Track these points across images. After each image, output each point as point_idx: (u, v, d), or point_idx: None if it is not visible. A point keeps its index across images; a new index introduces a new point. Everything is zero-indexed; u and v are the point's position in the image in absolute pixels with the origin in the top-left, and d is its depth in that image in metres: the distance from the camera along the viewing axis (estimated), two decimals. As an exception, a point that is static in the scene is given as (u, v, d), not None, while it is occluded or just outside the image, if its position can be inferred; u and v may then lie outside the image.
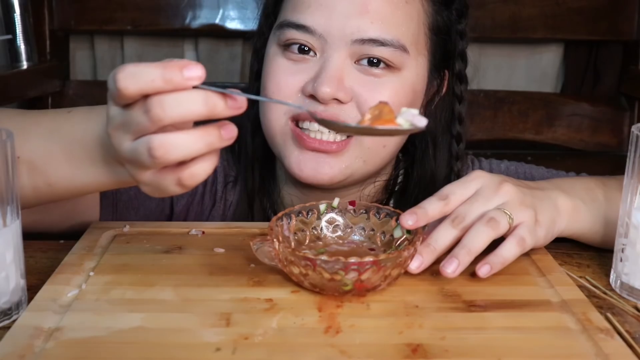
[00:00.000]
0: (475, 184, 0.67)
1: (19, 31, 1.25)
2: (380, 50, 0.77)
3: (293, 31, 0.78)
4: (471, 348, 0.53)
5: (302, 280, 0.60)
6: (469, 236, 0.63)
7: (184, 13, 1.33)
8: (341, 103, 0.77)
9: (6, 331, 0.54)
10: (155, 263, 0.66)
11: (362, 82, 0.78)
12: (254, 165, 0.89)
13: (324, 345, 0.52)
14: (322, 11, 0.77)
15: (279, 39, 0.80)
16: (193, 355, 0.51)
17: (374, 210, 0.69)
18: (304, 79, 0.78)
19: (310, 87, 0.77)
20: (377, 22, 0.77)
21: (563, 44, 1.43)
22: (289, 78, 0.79)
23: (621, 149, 1.38)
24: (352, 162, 0.80)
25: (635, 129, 0.64)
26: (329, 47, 0.77)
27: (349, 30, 0.76)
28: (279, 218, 0.66)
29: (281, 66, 0.80)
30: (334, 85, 0.75)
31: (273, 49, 0.82)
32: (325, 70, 0.76)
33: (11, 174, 0.58)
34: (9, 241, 0.58)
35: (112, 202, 0.86)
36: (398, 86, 0.79)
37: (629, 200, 0.65)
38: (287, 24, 0.79)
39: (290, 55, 0.79)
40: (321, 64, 0.77)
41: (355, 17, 0.76)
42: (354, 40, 0.76)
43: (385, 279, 0.59)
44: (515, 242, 0.64)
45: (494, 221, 0.63)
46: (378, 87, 0.78)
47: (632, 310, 0.62)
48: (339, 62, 0.77)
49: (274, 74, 0.80)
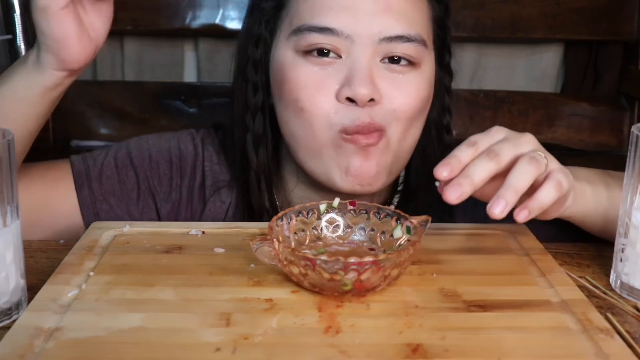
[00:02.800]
0: (500, 134, 0.66)
1: (19, 31, 1.25)
2: (406, 46, 0.77)
3: (316, 35, 0.77)
4: (471, 348, 0.53)
5: (302, 280, 0.60)
6: (513, 175, 0.62)
7: (184, 13, 1.33)
8: (374, 103, 0.77)
9: (6, 331, 0.54)
10: (155, 263, 0.66)
11: (389, 80, 0.78)
12: (259, 177, 0.87)
13: (324, 345, 0.52)
14: (346, 12, 0.76)
15: (297, 45, 0.78)
16: (193, 355, 0.51)
17: (374, 210, 0.69)
18: (334, 83, 0.77)
19: (346, 91, 0.76)
20: (402, 19, 0.77)
21: (563, 44, 1.43)
22: (320, 86, 0.78)
23: (621, 149, 1.38)
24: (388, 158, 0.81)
25: (635, 129, 0.64)
26: (356, 48, 0.76)
27: (376, 28, 0.76)
28: (279, 218, 0.66)
29: (308, 72, 0.78)
30: (370, 86, 0.76)
31: (290, 55, 0.79)
32: (358, 72, 0.76)
33: (11, 174, 0.58)
34: (9, 241, 0.58)
35: (93, 212, 0.86)
36: (420, 81, 0.80)
37: (629, 200, 0.65)
38: (308, 28, 0.77)
39: (314, 59, 0.78)
40: (349, 65, 0.77)
41: (381, 16, 0.76)
42: (381, 39, 0.76)
43: (385, 279, 0.59)
44: (552, 186, 0.63)
45: (535, 160, 0.63)
46: (403, 85, 0.79)
47: (632, 310, 0.62)
48: (368, 62, 0.77)
49: (303, 82, 0.78)
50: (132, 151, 0.91)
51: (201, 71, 1.40)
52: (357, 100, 0.76)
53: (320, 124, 0.78)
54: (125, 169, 0.90)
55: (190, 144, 0.93)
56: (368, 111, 0.77)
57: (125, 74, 1.40)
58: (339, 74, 0.77)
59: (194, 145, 0.93)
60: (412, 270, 0.65)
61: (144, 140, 0.93)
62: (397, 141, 0.81)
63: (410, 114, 0.80)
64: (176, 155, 0.92)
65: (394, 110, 0.79)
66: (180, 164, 0.92)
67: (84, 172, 0.88)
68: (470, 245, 0.72)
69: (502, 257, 0.69)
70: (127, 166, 0.90)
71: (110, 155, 0.90)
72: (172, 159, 0.92)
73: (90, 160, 0.90)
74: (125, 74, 1.40)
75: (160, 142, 0.93)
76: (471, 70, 1.42)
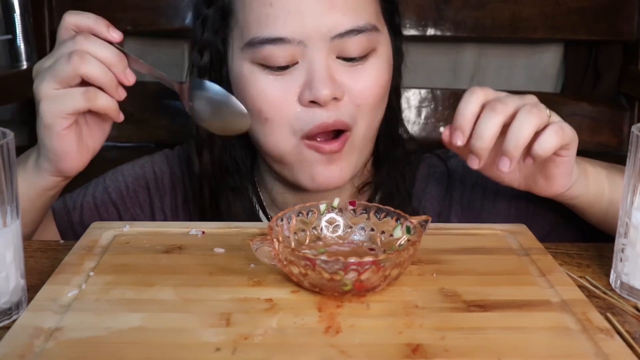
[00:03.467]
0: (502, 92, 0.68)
1: (19, 31, 1.26)
2: (358, 38, 0.77)
3: (270, 47, 0.76)
4: (471, 348, 0.53)
5: (302, 280, 0.60)
6: (514, 127, 0.63)
7: (184, 13, 1.33)
8: (338, 100, 0.77)
9: (6, 331, 0.54)
10: (155, 263, 0.67)
11: (348, 75, 0.78)
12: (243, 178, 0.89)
13: (324, 345, 0.52)
14: (293, 17, 0.76)
15: (253, 57, 0.78)
16: (193, 355, 0.51)
17: (374, 210, 0.69)
18: (295, 89, 0.77)
19: (308, 95, 0.76)
20: (349, 13, 0.77)
21: (563, 44, 1.43)
22: (282, 94, 0.78)
23: (621, 149, 1.38)
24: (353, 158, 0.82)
25: (635, 129, 0.64)
26: (309, 51, 0.77)
27: (326, 28, 0.76)
28: (279, 218, 0.66)
29: (269, 83, 0.78)
30: (330, 85, 0.76)
31: (247, 68, 0.79)
32: (317, 73, 0.76)
33: (11, 174, 0.58)
34: (9, 241, 0.58)
35: (69, 225, 0.89)
36: (379, 66, 0.80)
37: (629, 200, 0.65)
38: (260, 41, 0.77)
39: (272, 71, 0.78)
40: (306, 69, 0.77)
41: (327, 14, 0.76)
42: (333, 37, 0.76)
43: (385, 279, 0.59)
44: (554, 131, 0.64)
45: (536, 108, 0.63)
46: (363, 74, 0.79)
47: (632, 310, 0.62)
48: (325, 61, 0.77)
49: (264, 93, 0.78)
50: (109, 186, 0.93)
51: (201, 71, 1.40)
52: (320, 101, 0.76)
53: (284, 133, 0.79)
54: (105, 206, 0.92)
55: (164, 164, 0.95)
56: (333, 110, 0.77)
57: (125, 74, 1.40)
58: (298, 79, 0.77)
59: (168, 164, 0.95)
60: (412, 270, 0.65)
61: (119, 172, 0.95)
62: (362, 136, 0.82)
63: (375, 104, 0.81)
64: (151, 180, 0.94)
65: (359, 106, 0.79)
66: (157, 186, 0.94)
67: (66, 218, 0.92)
68: (470, 245, 0.72)
69: (502, 257, 0.69)
70: (107, 202, 0.92)
71: (89, 195, 0.93)
72: (149, 183, 0.94)
73: (70, 203, 0.92)
74: (125, 74, 1.40)
75: (134, 170, 0.95)
76: (471, 70, 1.42)
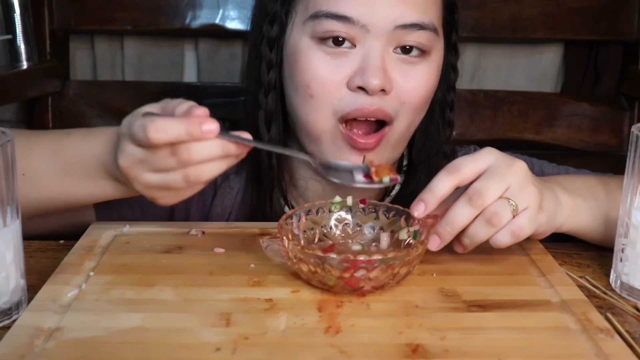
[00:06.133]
0: (488, 159, 0.65)
1: (19, 31, 1.25)
2: (419, 34, 0.78)
3: (333, 22, 0.77)
4: (471, 348, 0.53)
5: (311, 277, 0.60)
6: (470, 230, 0.63)
7: (184, 13, 1.32)
8: (385, 93, 0.78)
9: (6, 331, 0.54)
10: (155, 263, 0.67)
11: (400, 71, 0.79)
12: (270, 155, 0.87)
13: (324, 345, 0.52)
14: (363, 1, 0.76)
15: (313, 31, 0.79)
16: (193, 355, 0.51)
17: (383, 209, 0.69)
18: (347, 72, 0.78)
19: (358, 80, 0.77)
20: (417, 8, 0.78)
21: (563, 44, 1.42)
22: (332, 74, 0.78)
23: (621, 149, 1.38)
24: (385, 153, 0.82)
25: (635, 129, 0.64)
26: (370, 37, 0.77)
27: (392, 17, 0.76)
28: (289, 216, 0.66)
29: (322, 61, 0.79)
30: (382, 77, 0.76)
31: (305, 41, 0.80)
32: (372, 62, 0.77)
33: (11, 175, 0.58)
34: (9, 241, 0.58)
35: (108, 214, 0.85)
36: (430, 70, 0.81)
37: (629, 200, 0.65)
38: (325, 15, 0.77)
39: (328, 49, 0.78)
40: (362, 55, 0.78)
41: (397, 5, 0.77)
42: (396, 27, 0.77)
43: (393, 277, 0.59)
44: (509, 233, 0.64)
45: (496, 217, 0.63)
46: (414, 75, 0.80)
47: (632, 310, 0.62)
48: (382, 52, 0.77)
49: (315, 70, 0.79)
50: None
51: (201, 71, 1.40)
52: (368, 89, 0.77)
53: (325, 112, 0.79)
54: None
55: None
56: (378, 100, 0.78)
57: (125, 74, 1.40)
58: (352, 63, 0.78)
59: None
60: (412, 270, 0.65)
61: None
62: (399, 134, 0.82)
63: (418, 104, 0.81)
64: None
65: (404, 103, 0.80)
66: None
67: None
68: (470, 245, 0.71)
69: (502, 257, 0.69)
70: None
71: None
72: None
73: None
74: (125, 74, 1.40)
75: None
76: (471, 70, 1.42)
